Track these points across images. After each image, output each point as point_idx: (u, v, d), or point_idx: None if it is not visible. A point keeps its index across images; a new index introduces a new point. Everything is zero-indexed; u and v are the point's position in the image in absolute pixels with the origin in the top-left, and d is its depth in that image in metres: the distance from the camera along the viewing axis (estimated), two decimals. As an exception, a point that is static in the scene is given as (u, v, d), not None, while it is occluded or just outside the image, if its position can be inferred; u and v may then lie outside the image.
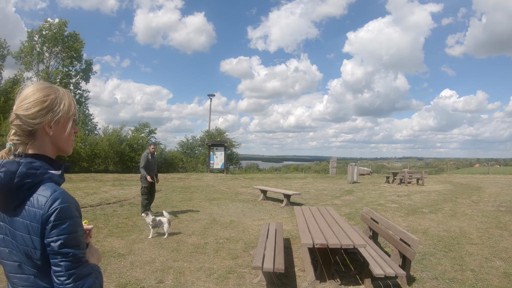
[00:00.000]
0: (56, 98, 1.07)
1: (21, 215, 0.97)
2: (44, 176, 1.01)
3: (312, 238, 3.60)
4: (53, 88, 1.10)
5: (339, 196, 11.36)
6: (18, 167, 0.97)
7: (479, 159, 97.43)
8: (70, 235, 0.96)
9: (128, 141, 22.37)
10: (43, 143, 1.06)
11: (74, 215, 0.99)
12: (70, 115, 1.10)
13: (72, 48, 29.01)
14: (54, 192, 0.98)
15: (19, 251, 0.99)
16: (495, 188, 13.76)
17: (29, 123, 1.03)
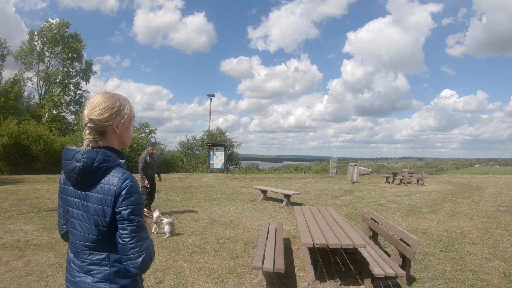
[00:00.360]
0: (121, 104, 1.36)
1: (95, 191, 1.27)
2: (115, 162, 1.31)
3: (312, 238, 3.60)
4: (117, 96, 1.39)
5: (339, 196, 11.36)
6: (97, 155, 1.28)
7: (479, 159, 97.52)
8: (136, 206, 1.26)
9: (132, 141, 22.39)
10: (111, 139, 1.37)
11: (139, 191, 1.30)
12: (132, 117, 1.41)
13: (73, 48, 29.01)
14: (124, 174, 1.28)
15: (88, 222, 1.28)
16: (495, 188, 13.76)
17: (102, 125, 1.32)
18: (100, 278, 1.29)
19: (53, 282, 3.75)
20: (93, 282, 1.29)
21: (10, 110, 24.08)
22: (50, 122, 27.26)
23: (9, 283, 3.69)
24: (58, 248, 5.01)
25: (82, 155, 1.29)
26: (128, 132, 1.41)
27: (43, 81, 28.89)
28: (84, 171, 1.27)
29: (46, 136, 19.28)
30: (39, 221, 6.76)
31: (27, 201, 8.54)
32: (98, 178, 1.28)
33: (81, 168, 1.27)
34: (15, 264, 4.28)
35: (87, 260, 1.31)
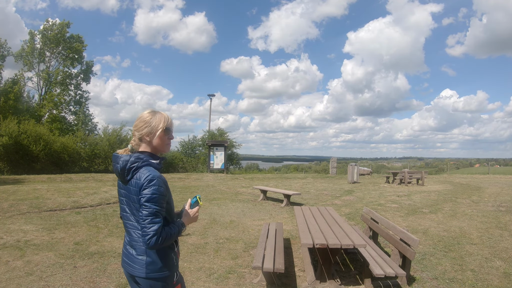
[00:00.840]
0: (151, 119, 1.74)
1: (131, 184, 1.67)
2: (145, 162, 1.69)
3: (312, 238, 3.60)
4: (154, 113, 1.78)
5: (339, 196, 11.36)
6: (130, 158, 1.68)
7: (479, 159, 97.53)
8: (152, 195, 1.59)
9: (128, 141, 22.34)
10: (146, 145, 1.76)
11: (158, 185, 1.62)
12: (159, 129, 1.73)
13: (74, 49, 29.01)
14: (149, 171, 1.65)
15: (129, 207, 1.71)
16: (495, 188, 13.75)
17: (137, 134, 1.75)
18: (139, 251, 1.70)
19: (53, 282, 3.75)
20: (136, 254, 1.70)
21: (10, 110, 24.07)
22: (50, 122, 27.25)
23: (9, 283, 3.69)
24: (58, 248, 5.01)
25: (121, 158, 1.71)
26: (160, 141, 1.75)
27: (44, 81, 28.88)
28: (122, 170, 1.68)
29: (46, 136, 19.26)
30: (39, 221, 6.76)
31: (27, 201, 8.54)
32: (133, 174, 1.68)
33: (120, 168, 1.69)
34: (15, 264, 4.28)
35: (131, 236, 1.73)
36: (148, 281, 1.68)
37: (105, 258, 4.57)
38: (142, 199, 1.60)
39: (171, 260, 1.74)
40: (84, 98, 30.58)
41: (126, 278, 1.85)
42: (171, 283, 1.75)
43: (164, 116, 1.78)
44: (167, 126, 1.76)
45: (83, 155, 20.77)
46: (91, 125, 28.92)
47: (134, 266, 1.70)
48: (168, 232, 1.65)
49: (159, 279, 1.69)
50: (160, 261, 1.69)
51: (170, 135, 1.80)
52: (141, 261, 1.68)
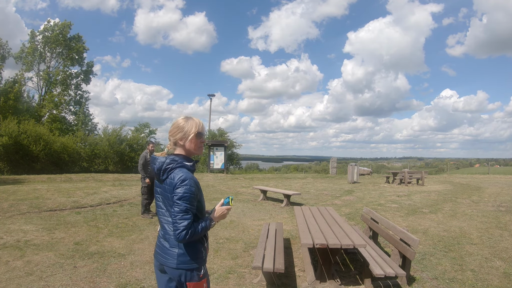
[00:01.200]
0: (184, 125, 1.92)
1: (166, 183, 1.86)
2: (179, 164, 1.87)
3: (312, 238, 3.60)
4: (186, 119, 1.95)
5: (339, 196, 11.36)
6: (165, 160, 1.87)
7: (479, 159, 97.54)
8: (183, 194, 1.77)
9: (128, 141, 22.37)
10: (181, 149, 1.94)
11: (190, 185, 1.80)
12: (191, 133, 1.90)
13: (75, 49, 29.01)
14: (182, 172, 1.83)
15: (164, 204, 1.90)
16: (495, 188, 13.75)
17: (172, 138, 1.94)
18: (172, 244, 1.87)
19: (53, 282, 3.75)
20: (169, 246, 1.88)
21: (10, 110, 24.07)
22: (50, 122, 27.25)
23: (9, 283, 3.69)
24: (58, 248, 5.01)
25: (158, 160, 1.90)
26: (192, 144, 1.93)
27: (44, 81, 28.88)
28: (158, 170, 1.88)
29: (46, 136, 19.25)
30: (39, 221, 6.76)
31: (27, 201, 8.54)
32: (168, 175, 1.85)
33: (156, 169, 1.88)
34: (15, 264, 4.28)
35: (165, 230, 1.90)
36: (178, 271, 1.85)
37: (105, 258, 4.57)
38: (174, 197, 1.79)
39: (200, 253, 1.90)
40: (84, 98, 30.61)
41: (155, 268, 2.02)
42: (197, 276, 1.89)
43: (196, 122, 1.94)
44: (198, 131, 1.93)
45: (83, 155, 20.76)
46: (91, 125, 28.96)
47: (166, 257, 1.88)
48: (197, 227, 1.82)
49: (187, 270, 1.86)
50: (190, 254, 1.86)
51: (202, 139, 1.97)
52: (173, 253, 1.86)
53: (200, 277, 1.90)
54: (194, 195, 1.82)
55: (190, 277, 1.86)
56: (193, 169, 1.93)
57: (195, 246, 1.88)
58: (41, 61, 28.83)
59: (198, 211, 1.90)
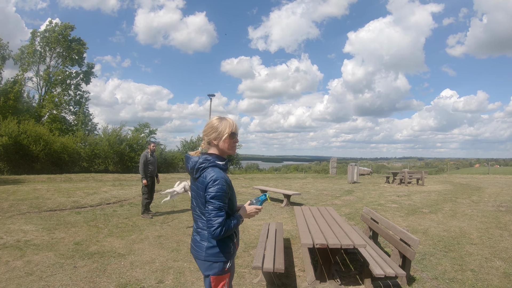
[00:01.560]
0: (218, 125, 1.99)
1: (199, 181, 1.96)
2: (211, 163, 1.96)
3: (312, 238, 3.60)
4: (220, 119, 2.03)
5: (339, 196, 11.36)
6: (198, 159, 1.97)
7: (479, 159, 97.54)
8: (215, 193, 1.87)
9: (128, 141, 22.36)
10: (214, 148, 2.02)
11: (221, 184, 1.90)
12: (225, 134, 1.98)
13: (75, 51, 29.02)
14: (214, 172, 1.93)
15: (196, 200, 2.01)
16: (495, 188, 13.76)
17: (206, 138, 2.01)
18: (202, 237, 1.99)
19: (53, 282, 3.75)
20: (199, 240, 2.01)
21: (10, 110, 24.07)
22: (50, 122, 27.24)
23: (9, 283, 3.69)
24: (58, 248, 5.01)
25: (191, 159, 2.01)
26: (226, 144, 2.01)
27: (44, 81, 28.87)
28: (191, 169, 1.99)
29: (46, 136, 19.25)
30: (39, 221, 6.76)
31: (27, 201, 8.54)
32: (200, 173, 1.95)
33: (190, 168, 2.00)
34: (15, 264, 4.28)
35: (197, 224, 2.03)
36: (205, 263, 1.98)
37: (105, 258, 4.57)
38: (207, 196, 1.89)
39: (228, 248, 2.01)
40: (84, 99, 30.58)
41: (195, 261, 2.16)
42: (222, 269, 1.99)
43: (230, 122, 2.02)
44: (232, 131, 2.01)
45: (83, 155, 20.75)
46: (91, 125, 28.93)
47: (197, 250, 2.01)
48: (229, 224, 1.93)
49: (214, 262, 1.97)
50: (218, 248, 1.97)
51: (236, 139, 2.05)
52: (202, 246, 1.98)
53: (225, 271, 2.00)
54: (226, 193, 1.93)
55: (215, 270, 1.98)
56: (225, 168, 2.03)
57: (223, 240, 1.99)
58: (41, 61, 28.82)
59: (229, 208, 1.99)
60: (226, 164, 2.03)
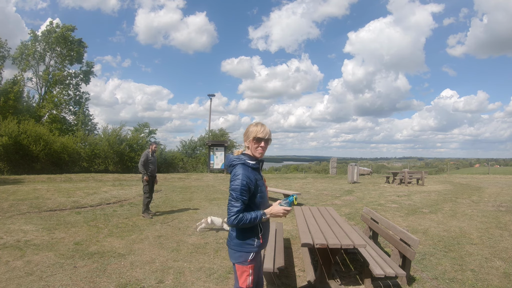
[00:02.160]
0: (248, 130, 2.29)
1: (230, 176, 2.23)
2: (241, 161, 2.24)
3: (312, 238, 3.60)
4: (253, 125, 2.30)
5: (339, 196, 11.36)
6: (232, 157, 2.31)
7: (479, 159, 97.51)
8: (235, 186, 2.14)
9: (128, 141, 22.36)
10: (248, 149, 2.31)
11: (242, 179, 2.14)
12: (250, 137, 2.26)
13: (75, 51, 29.01)
14: (239, 168, 2.21)
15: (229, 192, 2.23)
16: (495, 188, 13.75)
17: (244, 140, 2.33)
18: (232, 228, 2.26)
19: (53, 282, 3.75)
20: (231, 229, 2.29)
21: (10, 110, 24.05)
22: (50, 122, 27.23)
23: (9, 283, 3.69)
24: (58, 248, 5.01)
25: (228, 157, 2.36)
26: (253, 147, 2.27)
27: (43, 81, 28.86)
28: (226, 165, 2.32)
29: (46, 136, 19.25)
30: (39, 221, 6.76)
31: (27, 201, 8.54)
32: (231, 169, 2.25)
33: (226, 164, 2.34)
34: (15, 264, 4.28)
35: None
36: (231, 251, 2.25)
37: (105, 258, 4.57)
38: (229, 187, 2.17)
39: (252, 241, 2.21)
40: (84, 99, 30.56)
41: None
42: (246, 260, 2.20)
43: (257, 128, 2.26)
44: (256, 136, 2.25)
45: (83, 155, 20.75)
46: (91, 125, 28.91)
47: (228, 238, 2.29)
48: (246, 216, 2.13)
49: (238, 252, 2.21)
50: (242, 238, 2.21)
51: (260, 144, 2.26)
52: (232, 235, 2.25)
53: (247, 262, 2.21)
54: (245, 188, 2.14)
55: (239, 260, 2.21)
56: (255, 167, 2.27)
57: (247, 232, 2.21)
58: (41, 61, 28.81)
59: (252, 203, 2.20)
60: (256, 164, 2.27)
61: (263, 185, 2.31)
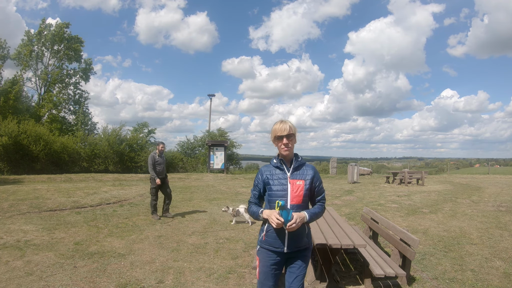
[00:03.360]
0: (272, 129, 2.31)
1: None
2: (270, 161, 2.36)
3: (312, 238, 3.59)
4: (278, 123, 2.29)
5: (339, 196, 11.36)
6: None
7: (479, 159, 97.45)
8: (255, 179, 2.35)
9: (127, 141, 22.35)
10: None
11: (259, 173, 2.34)
12: (272, 137, 2.32)
13: (72, 48, 28.98)
14: (263, 166, 2.37)
15: None
16: (495, 188, 13.76)
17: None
18: None
19: (53, 282, 3.75)
20: None
21: (10, 110, 24.04)
22: (50, 122, 27.21)
23: (9, 283, 3.69)
24: (58, 248, 5.01)
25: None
26: (277, 146, 2.30)
27: (42, 81, 28.85)
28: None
29: (46, 136, 19.25)
30: (39, 221, 6.76)
31: (27, 201, 8.54)
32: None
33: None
34: (15, 264, 4.28)
35: None
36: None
37: (105, 258, 4.57)
38: None
39: (261, 232, 2.31)
40: (84, 98, 30.53)
41: None
42: (256, 250, 2.37)
43: (276, 127, 2.27)
44: (276, 135, 2.26)
45: (83, 155, 20.75)
46: (91, 124, 28.88)
47: None
48: (252, 208, 2.32)
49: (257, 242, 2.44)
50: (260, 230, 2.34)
51: (282, 141, 2.24)
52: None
53: (256, 252, 2.35)
54: (255, 183, 2.33)
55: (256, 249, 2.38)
56: (277, 165, 2.28)
57: (261, 224, 2.33)
58: (39, 60, 28.79)
59: (266, 198, 2.30)
60: (277, 162, 2.28)
61: (279, 184, 2.23)
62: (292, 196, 2.20)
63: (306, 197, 2.24)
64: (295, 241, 2.22)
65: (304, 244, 2.26)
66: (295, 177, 2.23)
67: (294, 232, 2.18)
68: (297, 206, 2.21)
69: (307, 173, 2.26)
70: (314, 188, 2.27)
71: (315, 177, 2.27)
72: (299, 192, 2.20)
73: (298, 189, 2.20)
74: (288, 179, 2.23)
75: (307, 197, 2.25)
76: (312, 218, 2.22)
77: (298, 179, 2.22)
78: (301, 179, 2.23)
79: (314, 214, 2.23)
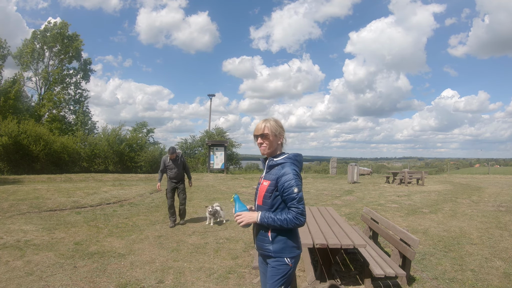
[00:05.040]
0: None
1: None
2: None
3: (312, 238, 3.60)
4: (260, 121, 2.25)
5: (339, 196, 11.36)
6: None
7: (479, 159, 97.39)
8: None
9: (127, 141, 22.35)
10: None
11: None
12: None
13: (72, 47, 29.00)
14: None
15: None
16: (495, 188, 13.76)
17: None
18: None
19: (53, 282, 3.75)
20: None
21: (10, 110, 24.05)
22: (50, 122, 27.22)
23: (9, 283, 3.69)
24: (58, 248, 5.01)
25: None
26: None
27: (43, 81, 28.86)
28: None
29: (46, 136, 19.25)
30: (39, 221, 6.76)
31: (27, 201, 8.54)
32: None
33: None
34: (15, 264, 4.28)
35: None
36: None
37: (105, 258, 4.57)
38: None
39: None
40: (84, 97, 30.54)
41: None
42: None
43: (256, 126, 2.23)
44: (254, 134, 2.22)
45: (83, 155, 20.76)
46: (91, 123, 28.89)
47: None
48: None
49: None
50: None
51: (258, 140, 2.18)
52: None
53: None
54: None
55: None
56: (262, 163, 2.26)
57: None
58: (40, 60, 28.81)
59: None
60: (263, 161, 2.27)
61: (258, 183, 2.22)
62: (258, 196, 2.16)
63: (268, 199, 2.08)
64: (258, 241, 2.15)
65: (267, 251, 2.08)
66: (266, 177, 2.15)
67: (257, 231, 2.15)
68: (258, 206, 2.14)
69: (277, 173, 2.09)
70: (281, 190, 2.04)
71: (283, 179, 2.03)
72: (262, 192, 2.12)
73: (262, 190, 2.12)
74: (261, 178, 2.21)
75: (270, 199, 2.07)
76: (264, 220, 2.02)
77: (266, 180, 2.13)
78: (268, 180, 2.11)
79: (270, 218, 2.01)
